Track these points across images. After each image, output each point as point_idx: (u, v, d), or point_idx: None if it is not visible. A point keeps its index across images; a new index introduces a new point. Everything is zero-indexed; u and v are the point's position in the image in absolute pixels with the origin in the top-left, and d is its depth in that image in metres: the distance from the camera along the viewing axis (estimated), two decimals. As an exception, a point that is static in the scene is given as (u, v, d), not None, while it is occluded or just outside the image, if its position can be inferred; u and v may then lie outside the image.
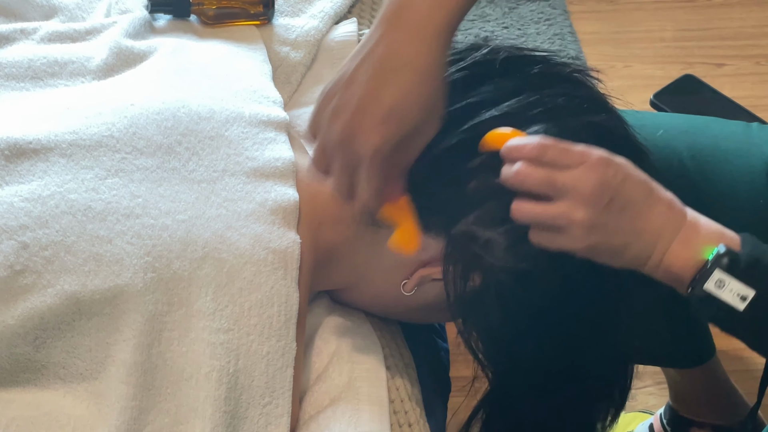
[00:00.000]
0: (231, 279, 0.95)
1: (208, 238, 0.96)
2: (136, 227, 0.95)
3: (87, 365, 0.93)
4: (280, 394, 0.96)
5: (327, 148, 0.92)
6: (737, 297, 0.87)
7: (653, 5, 2.48)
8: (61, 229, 0.94)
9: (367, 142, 0.89)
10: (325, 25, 1.31)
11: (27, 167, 0.98)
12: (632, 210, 0.89)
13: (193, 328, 0.93)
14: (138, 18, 1.21)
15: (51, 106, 1.06)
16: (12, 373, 0.92)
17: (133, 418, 0.91)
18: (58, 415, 0.91)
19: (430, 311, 1.07)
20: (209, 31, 1.25)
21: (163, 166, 1.00)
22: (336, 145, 0.91)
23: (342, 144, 0.91)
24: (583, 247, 0.89)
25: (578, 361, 1.00)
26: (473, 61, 1.01)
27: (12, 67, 1.11)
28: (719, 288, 0.88)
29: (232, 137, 1.05)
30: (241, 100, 1.10)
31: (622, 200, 0.89)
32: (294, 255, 0.98)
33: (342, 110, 0.90)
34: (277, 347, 0.96)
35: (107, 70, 1.13)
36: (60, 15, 1.26)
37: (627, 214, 0.89)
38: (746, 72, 2.34)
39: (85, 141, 1.00)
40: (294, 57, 1.27)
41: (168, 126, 1.03)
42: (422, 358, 1.12)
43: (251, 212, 0.99)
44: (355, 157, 0.91)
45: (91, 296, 0.92)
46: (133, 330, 0.92)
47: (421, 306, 1.06)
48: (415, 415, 1.03)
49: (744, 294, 0.87)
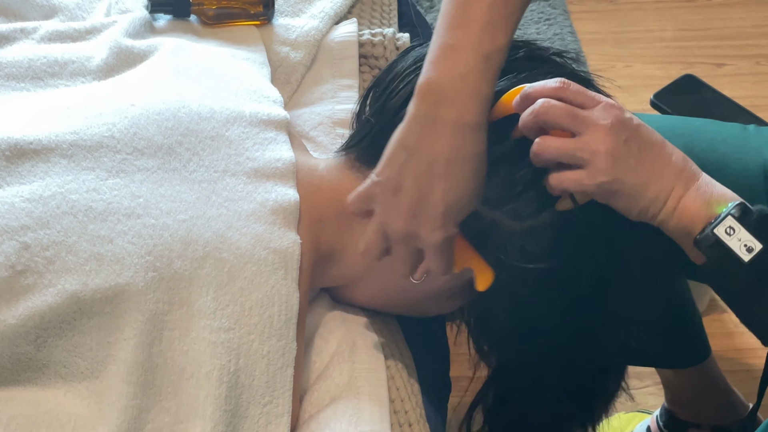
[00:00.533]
0: (232, 278, 0.95)
1: (209, 237, 0.96)
2: (137, 227, 0.95)
3: (88, 364, 0.93)
4: (281, 393, 0.96)
5: (385, 238, 0.95)
6: (744, 247, 0.88)
7: (653, 5, 2.48)
8: (62, 230, 0.94)
9: (431, 238, 0.92)
10: (325, 25, 1.31)
11: (28, 168, 0.98)
12: (650, 151, 0.91)
13: (193, 327, 0.94)
14: (138, 18, 1.21)
15: (51, 106, 1.06)
16: (13, 372, 0.92)
17: (134, 416, 0.91)
18: (58, 414, 0.91)
19: (438, 299, 1.07)
20: (209, 31, 1.25)
21: (164, 167, 1.00)
22: (399, 241, 0.94)
23: (403, 241, 0.93)
24: (606, 181, 0.90)
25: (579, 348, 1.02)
26: None
27: (12, 67, 1.11)
28: (728, 235, 0.88)
29: (232, 137, 1.05)
30: (241, 100, 1.10)
31: (640, 141, 0.90)
32: (294, 255, 0.98)
33: (397, 216, 0.92)
34: (277, 347, 0.96)
35: (107, 70, 1.13)
36: (60, 15, 1.26)
37: (646, 154, 0.90)
38: (746, 72, 2.34)
39: (86, 141, 1.00)
40: (294, 57, 1.27)
41: (168, 126, 1.03)
42: (422, 358, 1.12)
43: (252, 212, 0.99)
44: (419, 246, 0.94)
45: (92, 295, 0.92)
46: (134, 329, 0.92)
47: (428, 294, 1.06)
48: (415, 415, 1.03)
49: (751, 245, 0.88)
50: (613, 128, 0.90)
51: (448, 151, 0.89)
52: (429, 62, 0.91)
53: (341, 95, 1.25)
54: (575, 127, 0.90)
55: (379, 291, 1.08)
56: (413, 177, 0.90)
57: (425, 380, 1.10)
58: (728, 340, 1.77)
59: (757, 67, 2.35)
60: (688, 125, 1.23)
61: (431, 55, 0.91)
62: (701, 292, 1.79)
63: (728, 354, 1.77)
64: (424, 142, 0.90)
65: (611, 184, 0.90)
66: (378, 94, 1.06)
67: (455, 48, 0.89)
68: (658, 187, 0.90)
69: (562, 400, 1.06)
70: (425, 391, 1.08)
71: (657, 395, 1.72)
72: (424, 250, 0.94)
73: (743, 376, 1.68)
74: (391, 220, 0.92)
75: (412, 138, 0.91)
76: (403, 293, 1.07)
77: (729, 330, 1.84)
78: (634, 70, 2.31)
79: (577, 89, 0.92)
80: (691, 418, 1.56)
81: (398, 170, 0.91)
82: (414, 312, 1.12)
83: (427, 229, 0.91)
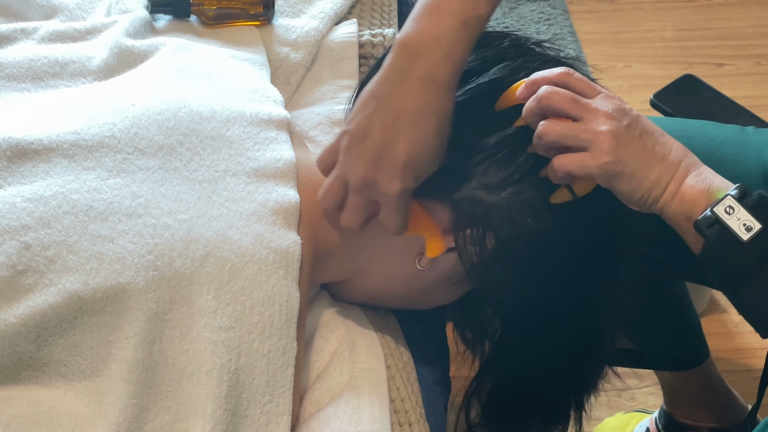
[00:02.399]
0: (233, 277, 0.95)
1: (210, 237, 0.96)
2: (138, 227, 0.95)
3: (88, 363, 0.93)
4: (281, 392, 0.96)
5: (344, 186, 0.96)
6: (743, 226, 0.89)
7: (653, 5, 2.49)
8: (63, 229, 0.94)
9: (389, 188, 0.94)
10: (325, 25, 1.31)
11: (29, 168, 0.98)
12: (651, 138, 0.93)
13: (194, 326, 0.94)
14: (138, 18, 1.21)
15: (52, 106, 1.06)
16: (14, 371, 0.93)
17: (134, 415, 0.91)
18: (59, 413, 0.91)
19: (444, 287, 1.08)
20: (209, 32, 1.26)
21: (165, 167, 1.00)
22: (357, 189, 0.95)
23: (362, 190, 0.95)
24: (610, 161, 0.91)
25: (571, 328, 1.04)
26: None
27: (13, 67, 1.11)
28: (728, 214, 0.90)
29: (233, 137, 1.05)
30: (242, 100, 1.10)
31: (641, 127, 0.93)
32: (295, 255, 0.99)
33: (359, 163, 0.94)
34: (278, 346, 0.96)
35: (108, 70, 1.13)
36: (60, 15, 1.27)
37: (647, 139, 0.93)
38: (746, 72, 2.34)
39: (87, 141, 1.00)
40: (294, 58, 1.27)
41: (169, 126, 1.03)
42: (422, 358, 1.12)
43: (253, 212, 0.99)
44: (376, 197, 0.96)
45: (93, 294, 0.92)
46: (135, 328, 0.92)
47: (435, 282, 1.07)
48: (415, 415, 1.03)
49: (750, 225, 0.89)
50: (614, 113, 0.92)
51: (414, 104, 0.92)
52: (411, 18, 0.94)
53: (341, 96, 1.26)
54: (578, 112, 0.93)
55: (383, 283, 1.08)
56: (380, 126, 0.93)
57: (425, 380, 1.10)
58: (728, 340, 1.77)
59: (757, 67, 2.35)
60: (686, 127, 1.24)
61: (415, 12, 0.94)
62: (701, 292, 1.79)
63: (728, 354, 1.78)
64: (394, 94, 0.93)
65: (615, 164, 0.91)
66: None
67: (437, 9, 0.92)
68: (660, 169, 0.92)
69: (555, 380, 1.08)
70: (425, 391, 1.08)
71: (657, 395, 1.72)
72: (380, 202, 0.96)
73: (743, 376, 1.69)
74: (353, 167, 0.94)
75: (384, 88, 0.93)
76: (408, 282, 1.07)
77: (729, 330, 1.84)
78: (634, 70, 2.31)
79: (580, 78, 0.96)
80: (690, 420, 1.56)
81: (366, 118, 0.93)
82: (419, 303, 1.13)
83: (386, 179, 0.93)
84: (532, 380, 1.08)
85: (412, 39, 0.93)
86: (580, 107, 0.93)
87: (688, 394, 1.54)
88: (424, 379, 1.09)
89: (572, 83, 0.95)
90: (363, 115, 0.94)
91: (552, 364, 1.06)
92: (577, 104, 0.93)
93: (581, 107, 0.93)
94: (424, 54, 0.92)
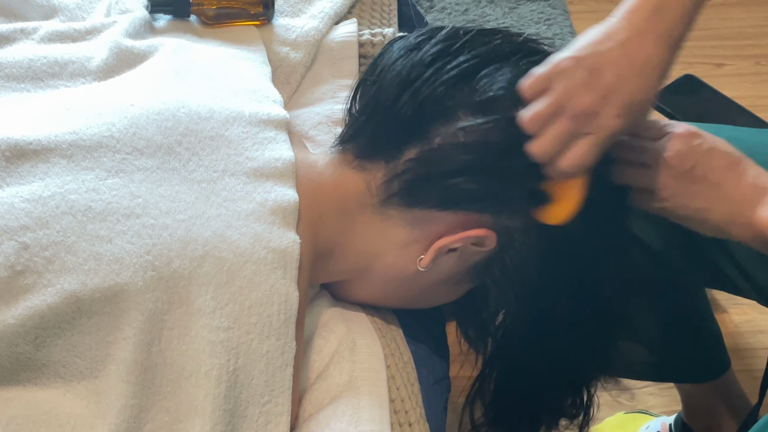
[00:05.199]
0: (231, 277, 0.95)
1: (209, 237, 0.96)
2: (137, 227, 0.95)
3: (87, 364, 0.93)
4: (280, 392, 0.96)
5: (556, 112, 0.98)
6: None
7: (653, 5, 2.48)
8: (61, 230, 0.94)
9: (610, 122, 0.97)
10: (325, 25, 1.31)
11: (27, 168, 0.98)
12: (713, 177, 0.98)
13: (193, 327, 0.94)
14: (138, 18, 1.21)
15: (52, 107, 1.06)
16: (12, 372, 0.92)
17: (133, 416, 0.91)
18: (57, 414, 0.91)
19: (445, 286, 1.08)
20: (209, 32, 1.25)
21: (164, 167, 1.00)
22: (574, 116, 0.97)
23: (579, 118, 0.97)
24: (669, 206, 0.99)
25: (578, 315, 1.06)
26: (446, 35, 1.05)
27: (12, 67, 1.11)
28: None
29: (232, 137, 1.05)
30: (241, 100, 1.10)
31: (704, 168, 0.98)
32: (294, 255, 0.98)
33: (587, 92, 0.97)
34: (276, 346, 0.96)
35: (107, 70, 1.13)
36: (60, 15, 1.27)
37: (707, 181, 0.98)
38: (746, 72, 2.34)
39: (86, 141, 1.00)
40: (294, 57, 1.27)
41: (168, 126, 1.03)
42: (422, 358, 1.12)
43: (251, 212, 0.99)
44: (584, 131, 0.97)
45: (91, 295, 0.92)
46: (133, 328, 0.92)
47: (435, 282, 1.07)
48: (415, 415, 1.03)
49: None
50: (675, 160, 0.99)
51: (648, 55, 0.97)
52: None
53: (341, 95, 1.25)
54: (643, 159, 1.00)
55: (383, 283, 1.08)
56: (614, 65, 0.96)
57: (425, 380, 1.10)
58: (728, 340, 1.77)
59: (757, 67, 2.35)
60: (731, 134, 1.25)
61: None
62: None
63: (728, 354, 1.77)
64: (632, 41, 0.97)
65: (676, 209, 0.99)
66: (367, 89, 1.07)
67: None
68: (722, 210, 0.98)
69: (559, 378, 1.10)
70: (425, 391, 1.08)
71: (657, 395, 1.72)
72: (584, 138, 0.98)
73: (743, 376, 1.68)
74: (580, 94, 0.97)
75: (621, 34, 0.97)
76: (408, 283, 1.07)
77: (729, 330, 1.84)
78: (634, 70, 2.31)
79: (647, 124, 1.02)
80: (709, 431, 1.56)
81: (601, 55, 0.97)
82: (420, 302, 1.13)
83: (611, 113, 0.96)
84: (535, 378, 1.08)
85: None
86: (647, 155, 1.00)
87: (708, 405, 1.54)
88: (424, 379, 1.09)
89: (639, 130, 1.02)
90: (596, 51, 0.97)
91: (556, 361, 1.07)
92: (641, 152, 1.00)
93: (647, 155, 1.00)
94: (668, 11, 0.96)
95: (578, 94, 0.96)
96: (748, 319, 1.91)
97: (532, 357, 1.07)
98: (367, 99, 1.07)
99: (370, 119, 1.06)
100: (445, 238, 1.02)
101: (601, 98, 0.96)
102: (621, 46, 0.97)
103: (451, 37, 1.05)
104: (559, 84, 0.97)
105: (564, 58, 0.98)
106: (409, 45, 1.06)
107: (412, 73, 1.03)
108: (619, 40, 0.97)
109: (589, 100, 0.96)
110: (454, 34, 1.05)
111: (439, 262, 1.04)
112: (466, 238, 1.02)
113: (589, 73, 0.96)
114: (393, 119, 1.03)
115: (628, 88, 0.96)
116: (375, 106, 1.05)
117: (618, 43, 0.97)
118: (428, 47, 1.04)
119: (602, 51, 0.97)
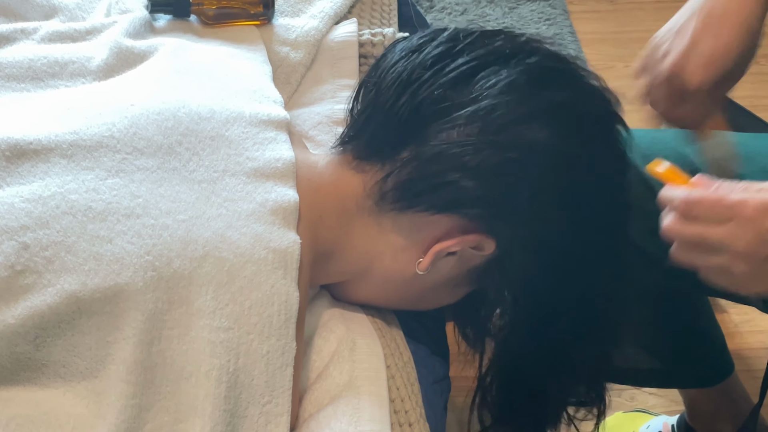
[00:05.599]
0: (231, 277, 0.95)
1: (209, 237, 0.96)
2: (137, 227, 0.95)
3: (87, 364, 0.93)
4: (280, 393, 0.96)
5: (654, 83, 1.10)
6: None
7: (653, 5, 2.48)
8: (61, 230, 0.94)
9: (691, 80, 1.06)
10: (325, 25, 1.31)
11: (28, 168, 0.98)
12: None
13: (193, 327, 0.94)
14: (138, 18, 1.21)
15: (52, 107, 1.06)
16: (12, 372, 0.92)
17: (133, 416, 0.91)
18: (57, 414, 0.91)
19: (444, 289, 1.08)
20: (209, 31, 1.25)
21: (164, 167, 1.00)
22: (663, 80, 1.08)
23: (668, 79, 1.08)
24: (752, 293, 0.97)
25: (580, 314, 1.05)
26: (448, 37, 1.05)
27: (12, 67, 1.11)
28: None
29: (232, 137, 1.05)
30: (241, 100, 1.10)
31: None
32: (294, 255, 0.98)
33: (671, 53, 1.07)
34: (276, 346, 0.96)
35: (108, 70, 1.13)
36: (60, 15, 1.27)
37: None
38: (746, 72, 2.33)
39: (86, 141, 1.00)
40: (294, 57, 1.27)
41: (168, 126, 1.03)
42: (422, 358, 1.12)
43: (251, 212, 0.99)
44: (678, 90, 1.07)
45: (91, 295, 0.92)
46: (134, 328, 0.92)
47: (435, 284, 1.07)
48: (415, 415, 1.03)
49: None
50: (749, 249, 0.90)
51: (728, 8, 1.05)
52: None
53: (341, 95, 1.25)
54: (708, 251, 0.93)
55: (383, 285, 1.08)
56: (694, 22, 1.06)
57: (425, 380, 1.10)
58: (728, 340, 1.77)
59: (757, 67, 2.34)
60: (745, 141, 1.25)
61: None
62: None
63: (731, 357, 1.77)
64: (716, 8, 1.06)
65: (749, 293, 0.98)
66: (368, 90, 1.07)
67: None
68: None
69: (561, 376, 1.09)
70: (425, 391, 1.08)
71: (657, 395, 1.72)
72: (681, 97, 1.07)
73: (743, 376, 1.68)
74: (668, 53, 1.08)
75: (709, 3, 1.06)
76: (408, 285, 1.07)
77: (729, 330, 1.84)
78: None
79: (707, 205, 0.92)
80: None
81: (687, 17, 1.08)
82: (420, 304, 1.13)
83: (690, 71, 1.06)
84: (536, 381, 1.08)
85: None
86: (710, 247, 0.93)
87: (712, 409, 1.54)
88: (424, 379, 1.09)
89: (697, 213, 0.93)
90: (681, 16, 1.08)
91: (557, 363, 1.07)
92: (705, 244, 0.94)
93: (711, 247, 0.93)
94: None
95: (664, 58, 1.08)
96: (748, 319, 1.91)
97: (533, 360, 1.07)
98: (368, 100, 1.07)
99: (369, 120, 1.06)
100: (443, 242, 1.02)
101: (681, 57, 1.06)
102: (701, 9, 1.06)
103: (452, 39, 1.05)
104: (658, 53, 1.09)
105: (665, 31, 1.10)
106: (410, 47, 1.06)
107: (412, 75, 1.03)
108: (704, 9, 1.06)
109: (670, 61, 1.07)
110: (455, 36, 1.05)
111: (438, 265, 1.04)
112: (464, 241, 1.02)
113: (673, 35, 1.08)
114: (391, 121, 1.03)
115: (708, 43, 1.04)
116: (375, 107, 1.05)
117: (701, 10, 1.06)
118: (429, 49, 1.04)
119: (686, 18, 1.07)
